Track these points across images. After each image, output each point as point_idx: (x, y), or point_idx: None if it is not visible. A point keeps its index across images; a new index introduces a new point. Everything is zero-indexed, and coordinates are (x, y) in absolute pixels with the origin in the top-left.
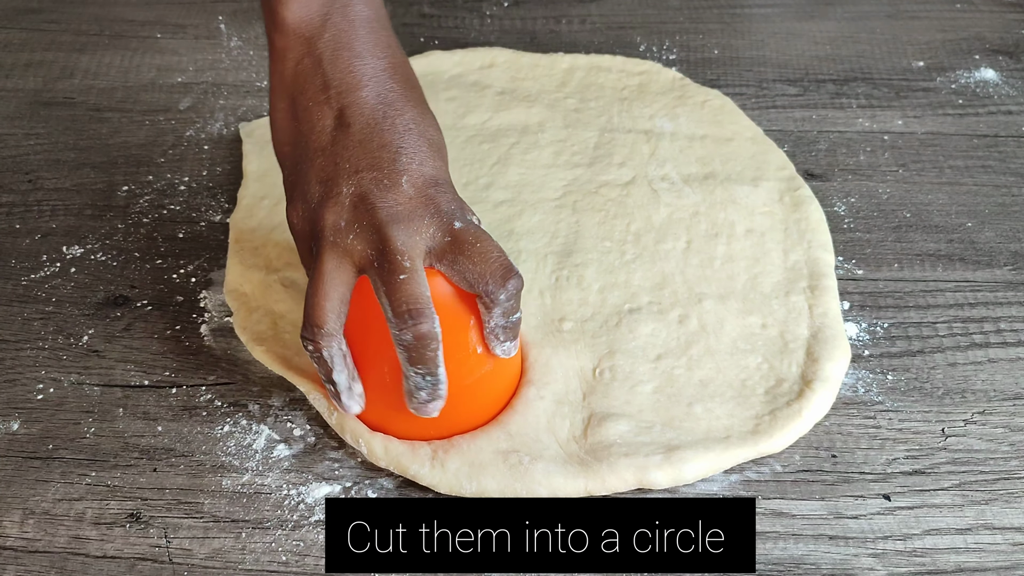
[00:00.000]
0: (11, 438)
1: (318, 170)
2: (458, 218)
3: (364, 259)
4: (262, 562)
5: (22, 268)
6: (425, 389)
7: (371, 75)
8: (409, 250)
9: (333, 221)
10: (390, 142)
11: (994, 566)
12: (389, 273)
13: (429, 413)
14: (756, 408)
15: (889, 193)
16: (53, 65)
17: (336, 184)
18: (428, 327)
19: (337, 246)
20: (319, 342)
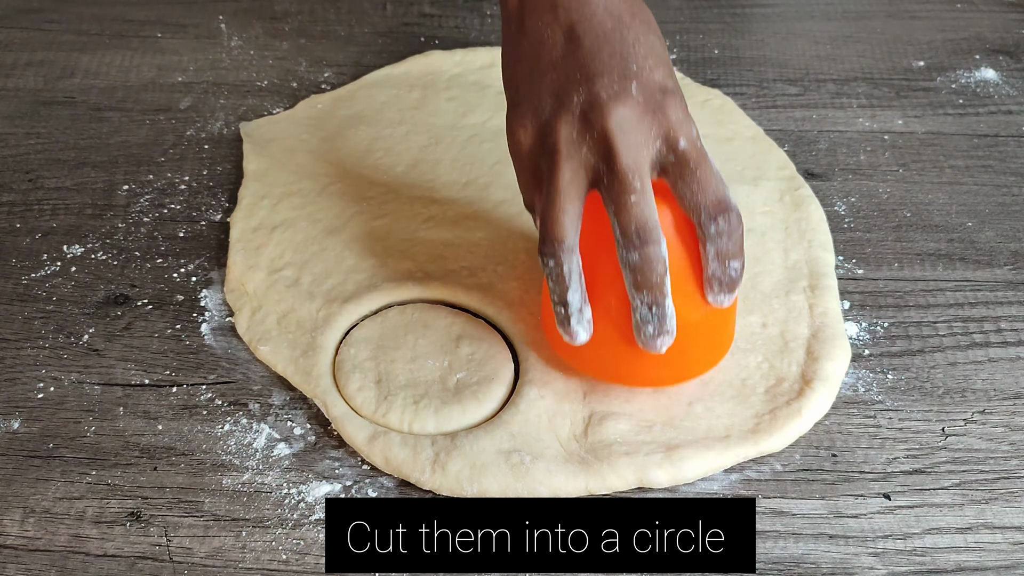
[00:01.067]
0: (11, 437)
1: (549, 83)
2: (683, 134)
3: (595, 174)
4: (262, 561)
5: (22, 267)
6: (652, 323)
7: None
8: (638, 167)
9: (567, 133)
10: (620, 51)
11: (994, 565)
12: (619, 192)
13: (657, 349)
14: (756, 407)
15: (889, 193)
16: (53, 64)
17: (567, 95)
18: (656, 250)
19: (572, 158)
20: (560, 256)
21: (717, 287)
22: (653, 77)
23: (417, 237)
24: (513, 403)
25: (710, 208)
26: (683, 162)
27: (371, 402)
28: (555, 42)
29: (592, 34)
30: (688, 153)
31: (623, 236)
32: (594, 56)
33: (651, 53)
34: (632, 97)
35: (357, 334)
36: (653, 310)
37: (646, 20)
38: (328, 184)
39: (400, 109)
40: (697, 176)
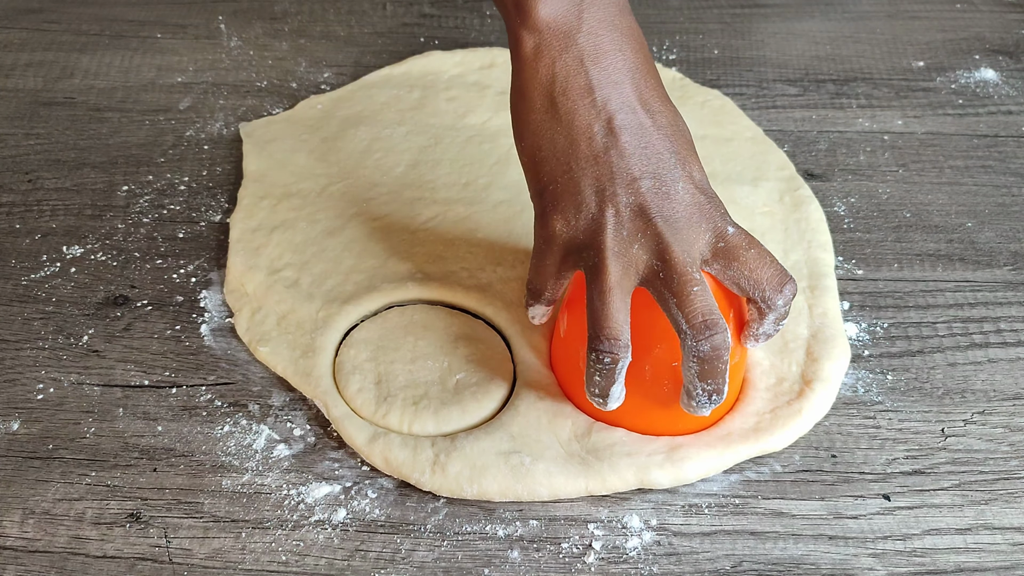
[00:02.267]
0: (11, 438)
1: (592, 179)
2: (729, 223)
3: (648, 270)
4: (262, 562)
5: (22, 268)
6: (706, 399)
7: (631, 73)
8: (693, 260)
9: (614, 231)
10: (662, 149)
11: (994, 566)
12: (680, 285)
13: (705, 413)
14: (757, 406)
15: (889, 193)
16: (53, 65)
17: (614, 194)
18: (722, 338)
19: (622, 256)
20: (617, 354)
21: (763, 340)
22: (694, 176)
23: (417, 238)
24: (513, 404)
25: (774, 281)
26: (735, 246)
27: (371, 403)
28: (594, 134)
29: (631, 130)
30: (738, 236)
31: (691, 327)
32: (636, 154)
33: (684, 143)
34: (680, 198)
35: (357, 335)
36: (713, 398)
37: (665, 97)
38: (328, 185)
39: (400, 109)
40: (752, 254)
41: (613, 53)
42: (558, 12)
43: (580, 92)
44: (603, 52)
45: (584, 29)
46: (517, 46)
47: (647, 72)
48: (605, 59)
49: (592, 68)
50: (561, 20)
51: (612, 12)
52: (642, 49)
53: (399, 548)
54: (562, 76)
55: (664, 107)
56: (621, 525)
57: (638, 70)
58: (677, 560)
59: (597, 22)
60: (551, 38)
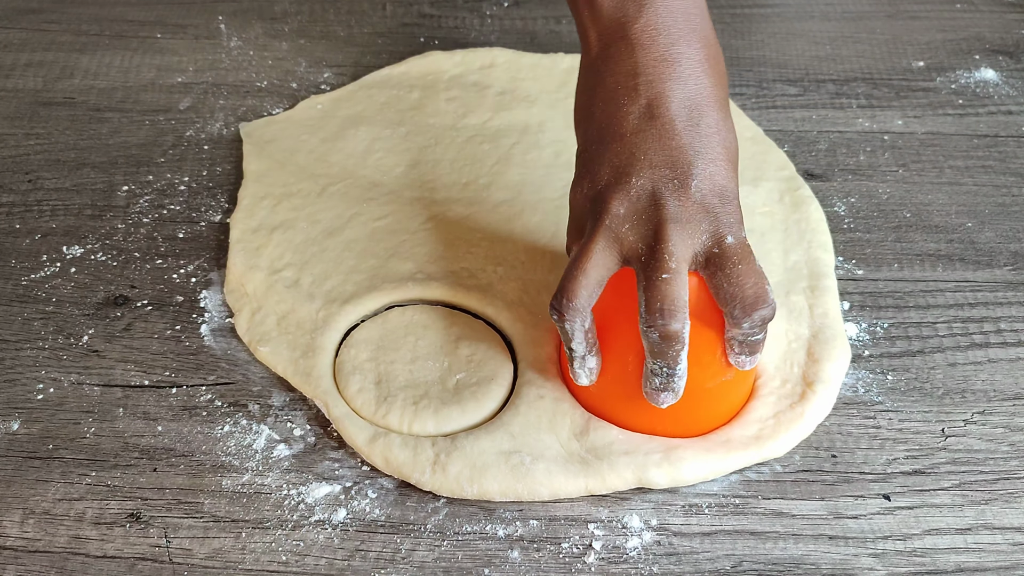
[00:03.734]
0: (11, 438)
1: (612, 155)
2: (732, 233)
3: (632, 251)
4: (262, 562)
5: (22, 268)
6: (660, 377)
7: (684, 66)
8: (678, 253)
9: (616, 208)
10: (690, 144)
11: (994, 566)
12: (653, 270)
13: (659, 403)
14: (758, 410)
15: (889, 193)
16: (53, 65)
17: (628, 174)
18: (677, 327)
19: (611, 231)
20: (564, 314)
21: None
22: (715, 180)
23: (417, 238)
24: (513, 404)
25: (747, 302)
26: (726, 256)
27: (371, 403)
28: (628, 112)
29: (666, 119)
30: (734, 248)
31: (647, 312)
32: (665, 143)
33: (721, 151)
34: (690, 196)
35: (357, 335)
36: (664, 371)
37: (723, 104)
38: (328, 185)
39: (400, 109)
40: (738, 269)
41: (669, 45)
42: (620, 2)
43: (625, 75)
44: (658, 42)
45: (642, 19)
46: (583, 36)
47: (706, 69)
48: (658, 49)
49: (642, 55)
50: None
51: (681, 7)
52: (707, 46)
53: (399, 548)
54: (612, 59)
55: (713, 108)
56: (621, 525)
57: (696, 65)
58: (677, 560)
59: (658, 15)
60: (609, 24)
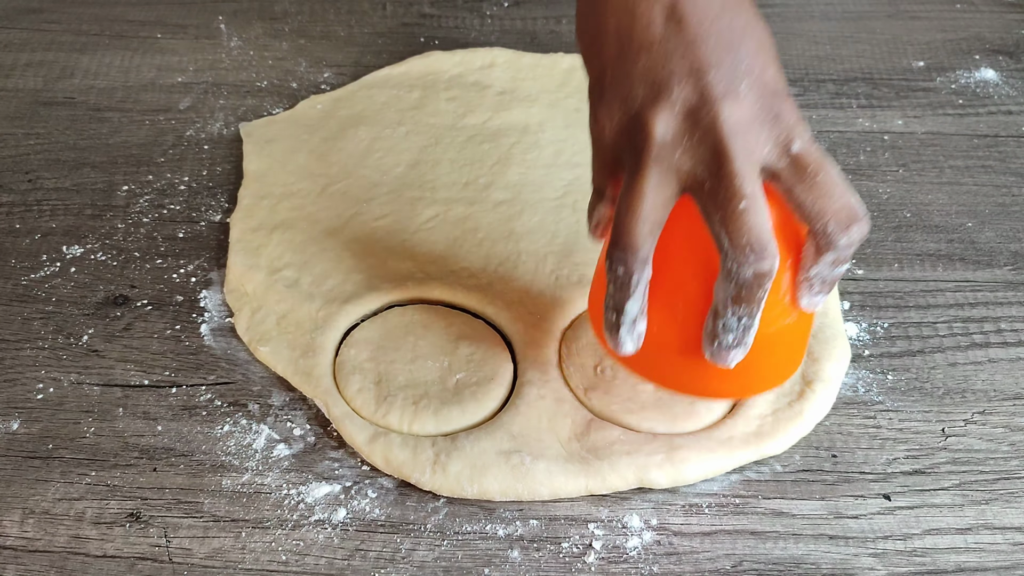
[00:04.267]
0: (11, 438)
1: (643, 69)
2: (798, 135)
3: (692, 179)
4: (262, 562)
5: (22, 268)
6: (734, 333)
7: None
8: (748, 173)
9: (661, 131)
10: (728, 42)
11: (994, 566)
12: (726, 199)
13: (727, 362)
14: (758, 407)
15: (889, 193)
16: (53, 65)
17: (666, 86)
18: (770, 265)
19: (662, 161)
20: (631, 266)
21: (818, 288)
22: (765, 76)
23: (417, 238)
24: (513, 404)
25: (841, 215)
26: (802, 165)
27: (371, 403)
28: (651, 19)
29: (698, 17)
30: (807, 154)
31: (734, 248)
32: (700, 44)
33: (761, 47)
34: (743, 98)
35: (357, 335)
36: (742, 321)
37: (753, 4)
38: (328, 185)
39: (400, 109)
40: (819, 179)
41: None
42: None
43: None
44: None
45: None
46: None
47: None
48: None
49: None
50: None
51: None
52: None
53: (399, 548)
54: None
55: (744, 7)
56: (621, 525)
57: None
58: (677, 560)
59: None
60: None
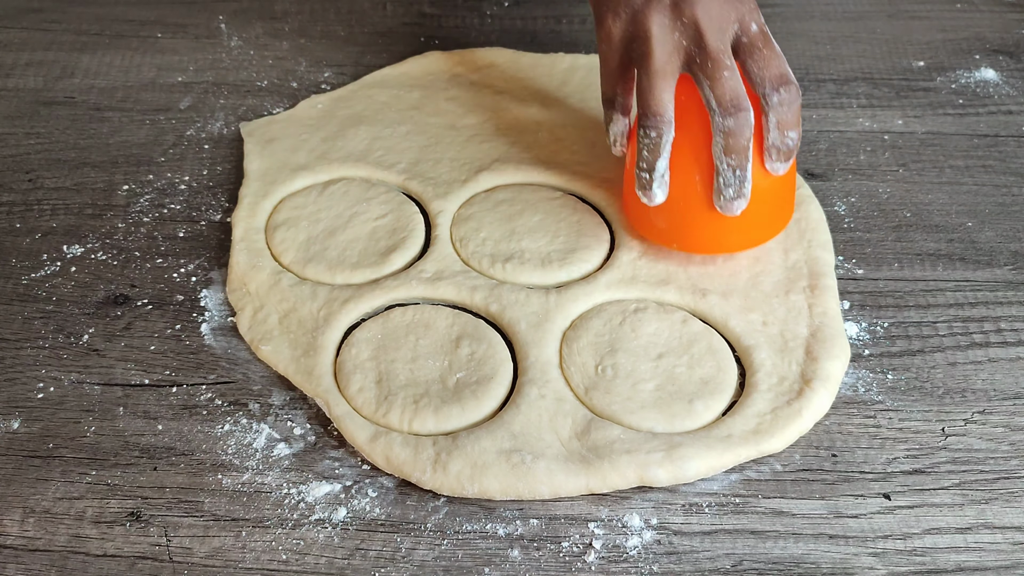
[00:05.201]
0: (11, 437)
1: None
2: (754, 20)
3: (687, 55)
4: (262, 561)
5: (22, 267)
6: (733, 186)
7: None
8: (725, 47)
9: (659, 19)
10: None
11: (994, 565)
12: (714, 69)
13: (733, 211)
14: (757, 406)
15: (889, 193)
16: (54, 65)
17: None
18: (746, 116)
19: (667, 43)
20: (661, 128)
21: (775, 155)
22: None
23: (417, 237)
24: (514, 403)
25: (774, 80)
26: (753, 43)
27: (371, 402)
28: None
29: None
30: (757, 34)
31: (719, 105)
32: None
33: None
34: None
35: (358, 334)
36: (736, 173)
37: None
38: (329, 184)
39: (400, 109)
40: (763, 53)
41: None
42: None
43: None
44: None
45: None
46: None
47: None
48: None
49: None
50: None
51: None
52: None
53: (399, 547)
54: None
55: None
56: (621, 524)
57: None
58: (677, 559)
59: None
60: None
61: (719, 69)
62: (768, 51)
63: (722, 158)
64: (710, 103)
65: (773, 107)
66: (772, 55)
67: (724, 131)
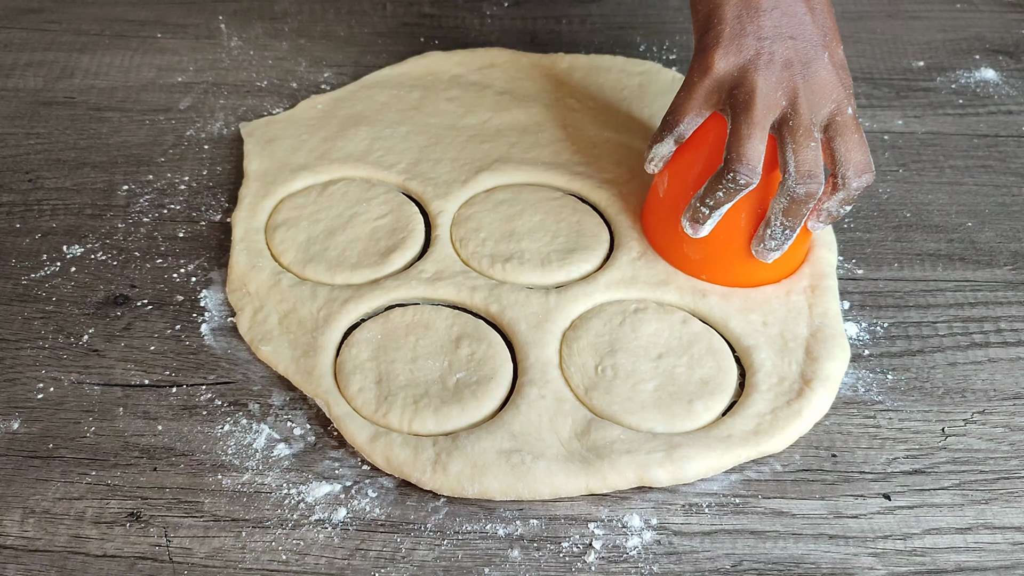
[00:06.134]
0: (11, 437)
1: (755, 28)
2: (850, 104)
3: (782, 118)
4: (262, 561)
5: (22, 267)
6: (778, 239)
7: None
8: (817, 121)
9: (767, 76)
10: (813, 22)
11: (994, 565)
12: (803, 138)
13: (767, 259)
14: (757, 406)
15: (889, 193)
16: (54, 65)
17: (771, 44)
18: (816, 188)
19: (769, 100)
20: (751, 179)
21: (825, 219)
22: (838, 52)
23: (417, 237)
24: (514, 403)
25: (859, 166)
26: (845, 125)
27: (371, 403)
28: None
29: (791, 3)
30: (851, 118)
31: (797, 171)
32: (793, 20)
33: (835, 28)
34: (824, 65)
35: (358, 334)
36: (786, 232)
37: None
38: (329, 184)
39: (400, 109)
40: (855, 138)
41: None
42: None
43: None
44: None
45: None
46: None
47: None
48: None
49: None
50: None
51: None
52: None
53: (399, 547)
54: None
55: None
56: (621, 524)
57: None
58: (677, 559)
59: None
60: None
61: (807, 139)
62: (859, 136)
63: (779, 216)
64: (788, 167)
65: (848, 188)
66: (861, 141)
67: (792, 195)
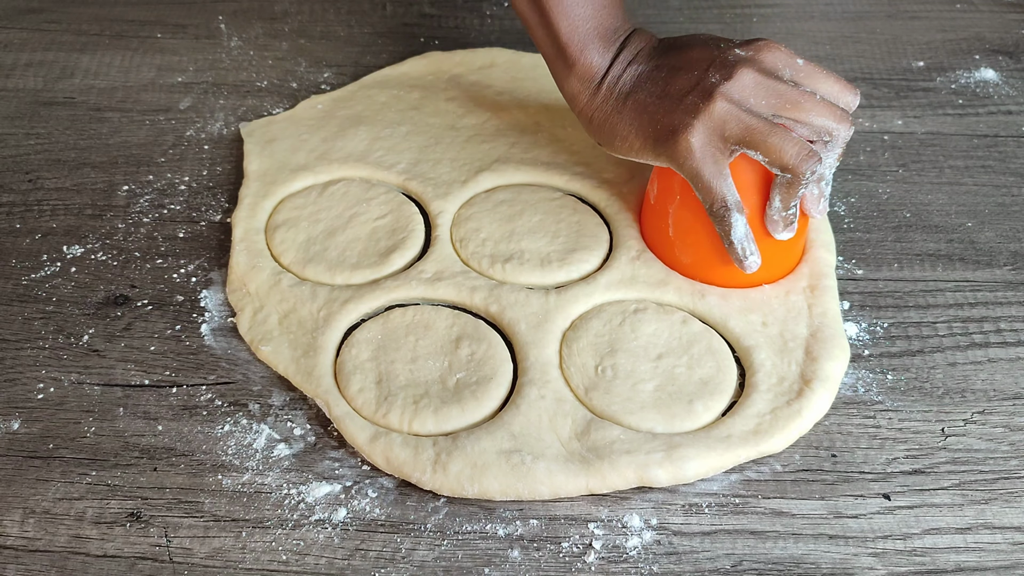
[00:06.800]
0: (11, 437)
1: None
2: (747, 56)
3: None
4: (262, 561)
5: (22, 268)
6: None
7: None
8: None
9: (698, 135)
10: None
11: (994, 565)
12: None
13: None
14: (757, 406)
15: (889, 193)
16: (53, 65)
17: (693, 107)
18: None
19: (711, 135)
20: (815, 161)
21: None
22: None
23: (417, 237)
24: (514, 403)
25: (835, 94)
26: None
27: (371, 403)
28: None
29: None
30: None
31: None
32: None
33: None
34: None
35: (358, 335)
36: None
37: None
38: (329, 184)
39: (400, 109)
40: (813, 71)
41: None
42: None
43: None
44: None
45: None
46: (571, 86)
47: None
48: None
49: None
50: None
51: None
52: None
53: (399, 547)
54: (638, 81)
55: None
56: (621, 524)
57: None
58: (677, 559)
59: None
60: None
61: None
62: (788, 57)
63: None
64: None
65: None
66: (812, 67)
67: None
